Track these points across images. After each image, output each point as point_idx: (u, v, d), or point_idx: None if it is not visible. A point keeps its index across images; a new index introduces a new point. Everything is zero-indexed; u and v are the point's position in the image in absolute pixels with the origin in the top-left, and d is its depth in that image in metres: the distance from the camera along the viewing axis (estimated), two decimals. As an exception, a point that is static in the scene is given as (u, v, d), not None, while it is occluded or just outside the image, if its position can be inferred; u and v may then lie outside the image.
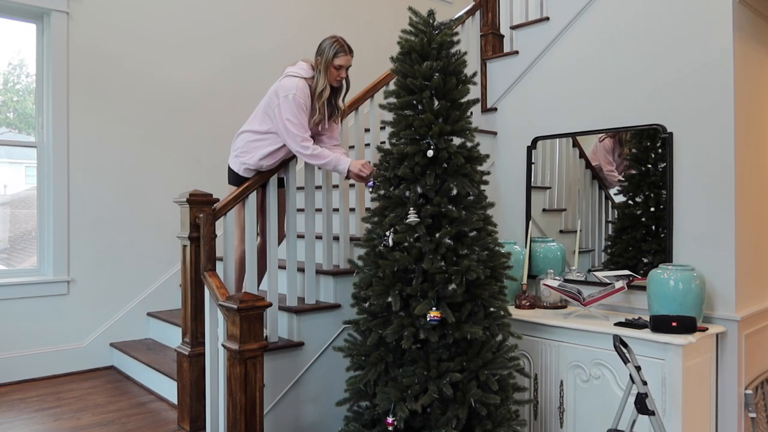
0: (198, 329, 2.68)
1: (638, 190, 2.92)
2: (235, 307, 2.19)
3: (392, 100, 2.43)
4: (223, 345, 2.32)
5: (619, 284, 2.70)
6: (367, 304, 2.42)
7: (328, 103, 2.82)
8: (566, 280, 3.08)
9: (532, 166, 3.38)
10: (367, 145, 3.92)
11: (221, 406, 2.42)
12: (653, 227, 2.86)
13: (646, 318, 2.65)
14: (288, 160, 2.87)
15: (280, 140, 2.74)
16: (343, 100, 2.94)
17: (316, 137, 2.92)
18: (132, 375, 3.49)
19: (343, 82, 2.84)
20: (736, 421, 2.59)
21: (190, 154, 4.14)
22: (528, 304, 2.98)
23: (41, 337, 3.52)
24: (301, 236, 3.41)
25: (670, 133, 2.79)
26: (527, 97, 3.45)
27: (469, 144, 2.42)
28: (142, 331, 3.89)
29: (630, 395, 2.30)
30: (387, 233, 2.34)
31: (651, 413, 2.03)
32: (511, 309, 2.92)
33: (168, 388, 3.08)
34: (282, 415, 2.72)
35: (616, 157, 3.00)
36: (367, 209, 2.84)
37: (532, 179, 3.38)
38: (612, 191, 3.03)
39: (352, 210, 3.27)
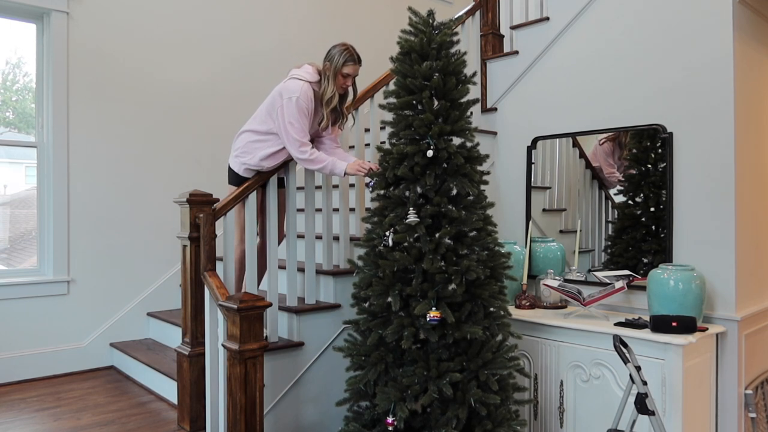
0: (198, 329, 2.68)
1: (638, 190, 2.92)
2: (235, 307, 2.19)
3: (392, 100, 2.43)
4: (223, 345, 2.32)
5: (619, 284, 2.69)
6: (367, 304, 2.42)
7: (333, 109, 2.82)
8: (566, 280, 3.08)
9: (532, 166, 3.38)
10: (367, 145, 3.92)
11: (221, 406, 2.42)
12: (653, 227, 2.86)
13: (646, 318, 2.65)
14: (289, 161, 2.87)
15: (281, 142, 2.74)
16: (348, 108, 2.95)
17: (318, 139, 2.93)
18: (132, 375, 3.49)
19: (350, 89, 2.85)
20: (736, 421, 2.59)
21: (190, 154, 4.14)
22: (528, 304, 2.98)
23: (41, 337, 3.52)
24: (301, 236, 3.40)
25: (670, 133, 2.79)
26: (527, 97, 3.45)
27: (468, 144, 2.42)
28: (142, 331, 3.89)
29: (630, 395, 2.30)
30: (387, 233, 2.34)
31: (651, 413, 2.03)
32: (511, 309, 2.92)
33: (168, 388, 3.08)
34: (282, 415, 2.72)
35: (617, 159, 3.00)
36: (367, 209, 2.84)
37: (532, 179, 3.38)
38: (612, 191, 3.03)
39: (352, 210, 3.26)
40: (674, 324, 2.37)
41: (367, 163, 2.67)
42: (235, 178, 2.85)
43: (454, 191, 2.35)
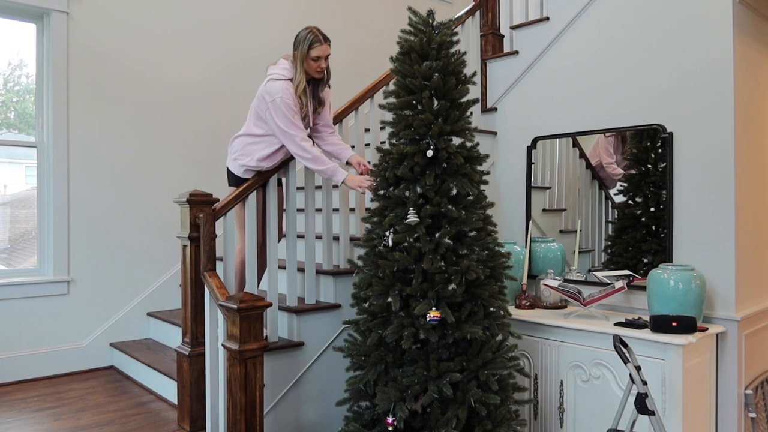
0: (198, 329, 2.68)
1: (638, 190, 2.92)
2: (235, 307, 2.19)
3: (392, 100, 2.43)
4: (223, 345, 2.32)
5: (619, 284, 2.69)
6: (367, 304, 2.42)
7: (312, 96, 2.80)
8: (566, 280, 3.08)
9: (532, 166, 3.38)
10: (367, 145, 3.92)
11: (221, 406, 2.42)
12: (653, 227, 2.86)
13: (646, 318, 2.65)
14: (288, 161, 2.87)
15: (277, 142, 2.73)
16: (328, 86, 2.87)
17: (313, 127, 2.91)
18: (132, 375, 3.49)
19: (325, 72, 2.81)
20: (736, 421, 2.59)
21: (190, 154, 4.14)
22: (528, 304, 2.98)
23: (41, 337, 3.52)
24: (301, 236, 3.40)
25: (670, 133, 2.79)
26: (527, 97, 3.45)
27: (468, 144, 2.42)
28: (142, 331, 3.89)
29: (630, 395, 2.30)
30: (387, 233, 2.34)
31: (651, 413, 2.03)
32: (511, 309, 2.92)
33: (168, 388, 3.08)
34: (282, 415, 2.72)
35: (620, 153, 2.99)
36: (367, 209, 2.84)
37: (532, 179, 3.38)
38: (612, 191, 3.03)
39: (352, 210, 3.27)
40: (674, 324, 2.37)
41: (367, 181, 2.62)
42: (234, 180, 2.85)
43: (454, 191, 2.35)
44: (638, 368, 2.08)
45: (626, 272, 2.90)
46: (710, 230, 2.66)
